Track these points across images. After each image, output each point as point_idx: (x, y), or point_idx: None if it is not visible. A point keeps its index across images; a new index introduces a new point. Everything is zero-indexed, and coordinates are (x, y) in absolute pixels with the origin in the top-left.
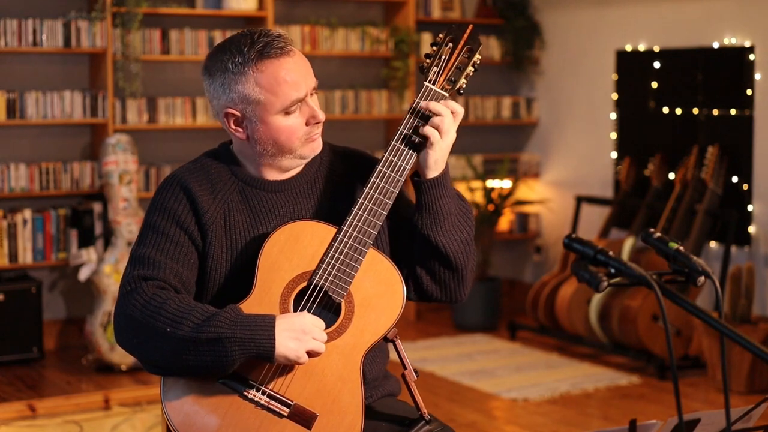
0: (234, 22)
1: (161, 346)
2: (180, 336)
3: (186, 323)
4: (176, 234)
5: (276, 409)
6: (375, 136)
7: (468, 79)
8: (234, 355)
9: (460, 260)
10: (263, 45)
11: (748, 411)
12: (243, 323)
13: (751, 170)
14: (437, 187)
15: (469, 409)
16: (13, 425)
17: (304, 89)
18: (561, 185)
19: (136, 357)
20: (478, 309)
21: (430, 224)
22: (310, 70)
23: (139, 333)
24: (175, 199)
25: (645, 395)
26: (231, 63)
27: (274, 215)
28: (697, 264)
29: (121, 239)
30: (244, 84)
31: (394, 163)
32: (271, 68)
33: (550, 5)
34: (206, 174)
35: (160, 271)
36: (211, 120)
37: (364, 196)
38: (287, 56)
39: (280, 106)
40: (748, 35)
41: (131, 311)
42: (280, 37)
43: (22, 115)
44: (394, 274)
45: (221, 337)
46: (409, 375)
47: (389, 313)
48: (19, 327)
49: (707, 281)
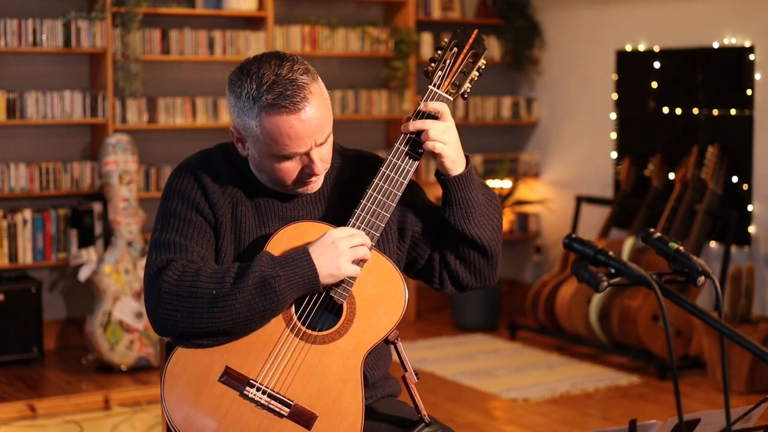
0: (234, 22)
1: (209, 309)
2: (227, 292)
3: (227, 279)
4: (195, 218)
5: (276, 409)
6: (375, 136)
7: (472, 83)
8: (283, 292)
9: (494, 247)
10: (278, 95)
11: (748, 411)
12: (280, 262)
13: (751, 170)
14: (464, 182)
15: (469, 409)
16: (13, 425)
17: (306, 145)
18: (561, 185)
19: (181, 331)
20: (478, 309)
21: (462, 218)
22: (324, 124)
23: (183, 305)
24: (190, 186)
25: (645, 395)
26: (245, 93)
27: (280, 218)
28: (697, 264)
29: (121, 239)
30: (249, 118)
31: (397, 166)
32: (278, 121)
33: (550, 5)
34: (217, 167)
35: (186, 252)
36: (211, 120)
37: (366, 198)
38: (299, 112)
39: (277, 152)
40: (748, 35)
41: (167, 288)
42: (296, 88)
43: (22, 115)
44: (396, 276)
45: (266, 277)
46: (410, 377)
47: (391, 314)
48: (19, 327)
49: (707, 281)
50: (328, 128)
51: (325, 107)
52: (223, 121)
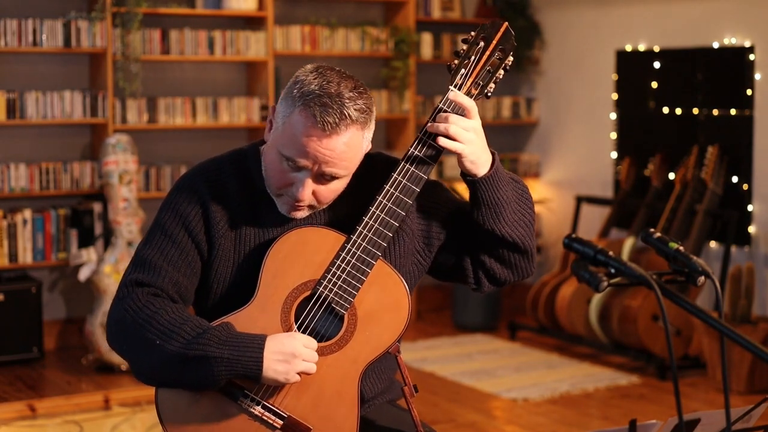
0: (234, 22)
1: (149, 356)
2: (168, 350)
3: (176, 338)
4: (183, 240)
5: (269, 421)
6: (375, 136)
7: (497, 83)
8: (220, 374)
9: (527, 242)
10: (321, 105)
11: (748, 411)
12: (232, 343)
13: (751, 170)
14: (491, 182)
15: (469, 409)
16: (13, 425)
17: (308, 163)
18: (561, 185)
19: (126, 360)
20: (478, 309)
21: (492, 218)
22: (341, 163)
23: (129, 340)
24: (188, 202)
25: (645, 395)
26: (299, 86)
27: (283, 228)
28: (697, 264)
29: (121, 239)
30: (286, 107)
31: (410, 171)
32: (302, 124)
33: (550, 5)
34: (226, 179)
35: (159, 278)
36: (211, 120)
37: (376, 206)
38: (323, 132)
39: (282, 147)
40: (748, 35)
41: (122, 316)
42: (339, 114)
43: (22, 115)
44: (401, 288)
45: (208, 356)
46: (409, 391)
47: (393, 328)
48: (19, 327)
49: (707, 281)
50: (342, 170)
51: (351, 149)
52: (223, 121)
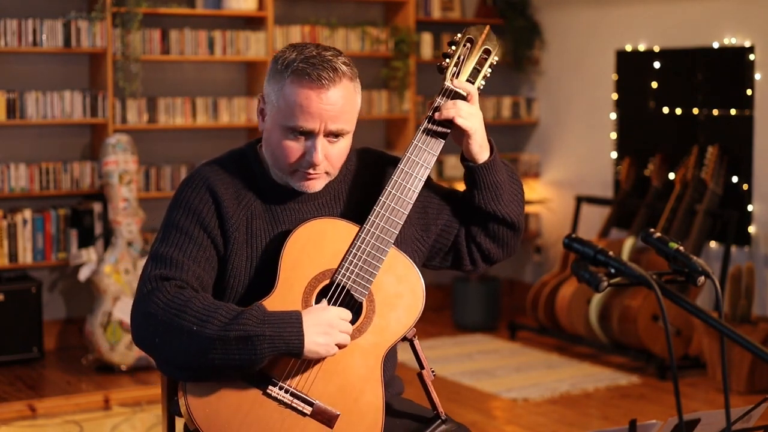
0: (234, 22)
1: (187, 345)
2: (207, 335)
3: (213, 321)
4: (199, 235)
5: (299, 408)
6: (375, 136)
7: (485, 80)
8: (263, 352)
9: (521, 220)
10: (310, 65)
11: (748, 411)
12: (271, 321)
13: (751, 170)
14: (491, 166)
15: (469, 409)
16: (13, 425)
17: (315, 125)
18: (561, 185)
19: (155, 357)
20: (478, 309)
21: (492, 200)
22: (343, 116)
23: (162, 332)
24: (200, 199)
25: (645, 395)
26: (282, 59)
27: (296, 220)
28: (697, 264)
29: (121, 239)
30: (276, 82)
31: (415, 162)
32: (298, 87)
33: (550, 5)
34: (232, 178)
35: (182, 272)
36: (211, 120)
37: (385, 195)
38: (321, 89)
39: (286, 122)
40: (748, 35)
41: (153, 309)
42: (331, 69)
43: (22, 115)
44: (415, 274)
45: (250, 335)
46: (427, 374)
47: (410, 312)
48: (19, 327)
49: (707, 281)
50: (346, 124)
51: (349, 102)
52: (223, 121)
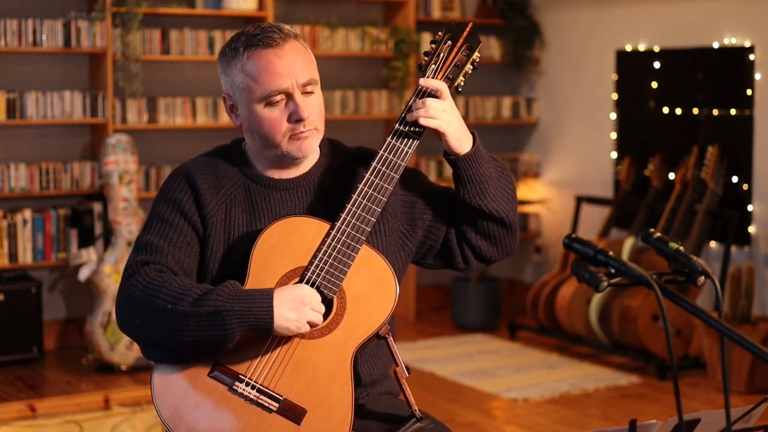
0: (234, 22)
1: (162, 324)
2: (180, 311)
3: (185, 299)
4: (180, 222)
5: (265, 404)
6: (375, 136)
7: (466, 77)
8: (233, 327)
9: (511, 217)
10: (254, 35)
11: (748, 411)
12: (241, 297)
13: (751, 170)
14: (474, 159)
15: (469, 409)
16: (13, 425)
17: (288, 82)
18: (561, 185)
19: (137, 340)
20: (478, 309)
21: (477, 194)
22: (306, 67)
23: (141, 313)
24: (180, 189)
25: (645, 395)
26: (228, 48)
27: (274, 213)
28: (697, 264)
29: (121, 239)
30: (233, 69)
31: (389, 160)
32: (257, 56)
33: (550, 5)
34: (213, 169)
35: (162, 256)
36: (211, 120)
37: (357, 193)
38: (276, 48)
39: (260, 94)
40: (748, 35)
41: (133, 292)
42: (277, 31)
43: (22, 115)
44: (387, 271)
45: (219, 310)
46: (401, 372)
47: (381, 309)
48: (19, 327)
49: (707, 281)
50: (311, 73)
51: (305, 54)
52: (223, 121)
